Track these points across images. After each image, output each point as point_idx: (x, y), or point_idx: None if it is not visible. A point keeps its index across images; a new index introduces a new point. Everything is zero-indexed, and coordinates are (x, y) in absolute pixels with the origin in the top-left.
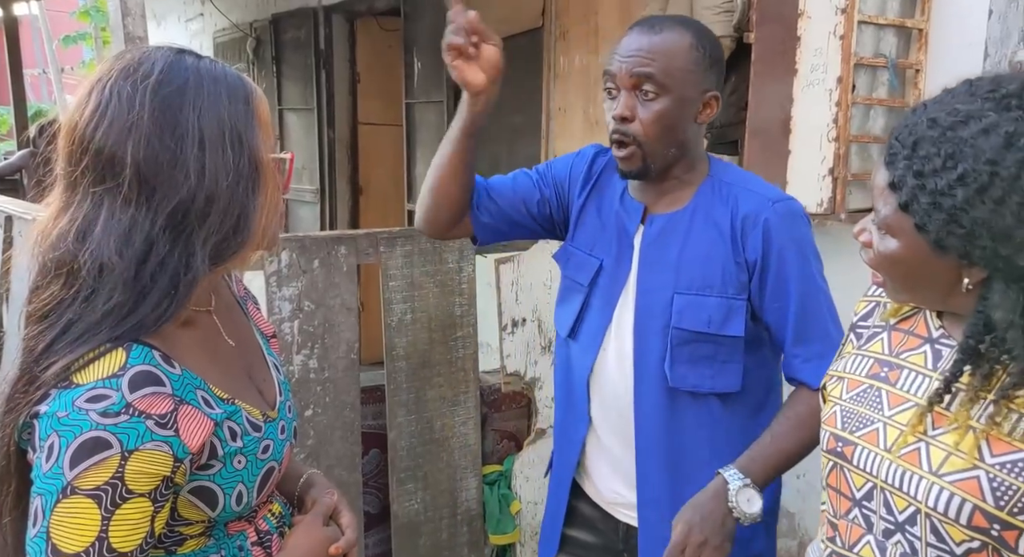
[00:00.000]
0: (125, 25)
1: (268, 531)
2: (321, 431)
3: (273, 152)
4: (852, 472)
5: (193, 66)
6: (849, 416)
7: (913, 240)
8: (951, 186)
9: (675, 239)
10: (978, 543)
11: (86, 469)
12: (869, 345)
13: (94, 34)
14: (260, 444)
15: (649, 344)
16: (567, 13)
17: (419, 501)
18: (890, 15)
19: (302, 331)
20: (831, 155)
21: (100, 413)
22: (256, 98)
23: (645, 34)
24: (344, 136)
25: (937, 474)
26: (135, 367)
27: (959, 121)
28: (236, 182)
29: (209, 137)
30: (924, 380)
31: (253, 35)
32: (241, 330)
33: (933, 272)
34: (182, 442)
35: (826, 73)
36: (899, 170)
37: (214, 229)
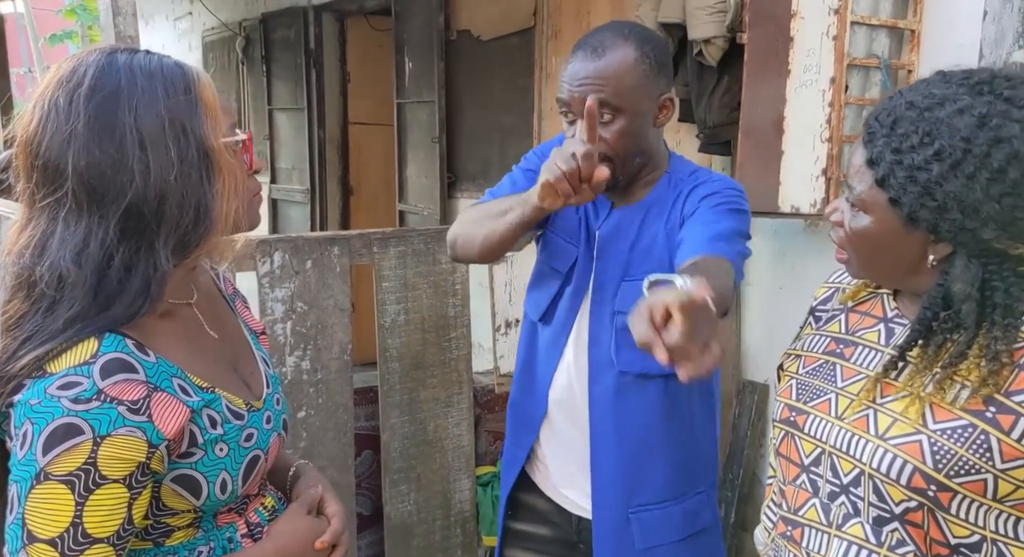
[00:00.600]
0: (116, 24)
1: (259, 524)
2: (314, 432)
3: (228, 135)
4: (802, 440)
5: (126, 65)
6: (804, 388)
7: (885, 215)
8: (927, 161)
9: (628, 232)
10: (915, 503)
11: (58, 455)
12: (827, 326)
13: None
14: (242, 432)
15: (601, 330)
16: (559, 13)
17: (412, 502)
18: (883, 16)
19: (295, 332)
20: (824, 155)
21: (71, 399)
22: (199, 85)
23: (589, 60)
24: (334, 136)
25: (883, 438)
26: (107, 355)
27: (936, 103)
28: (187, 174)
29: (149, 135)
30: (876, 355)
31: (242, 34)
32: (226, 324)
33: (900, 248)
34: (156, 428)
35: (819, 73)
36: (877, 147)
37: (173, 224)
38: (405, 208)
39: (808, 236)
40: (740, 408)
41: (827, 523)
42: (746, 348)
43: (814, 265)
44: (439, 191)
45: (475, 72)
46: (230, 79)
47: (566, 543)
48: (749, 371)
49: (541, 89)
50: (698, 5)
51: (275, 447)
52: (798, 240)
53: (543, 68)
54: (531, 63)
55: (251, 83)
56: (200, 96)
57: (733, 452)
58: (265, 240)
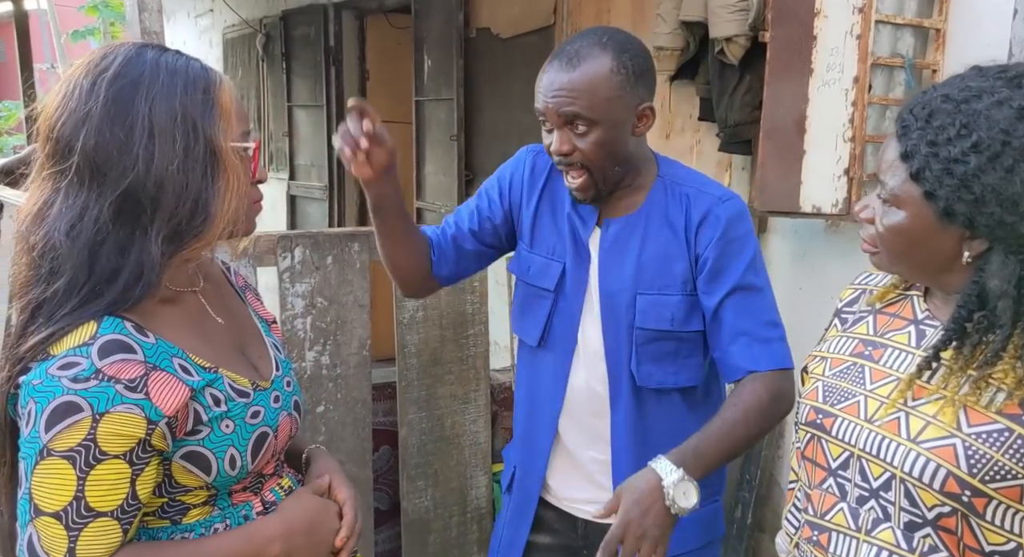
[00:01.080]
0: (142, 20)
1: (274, 502)
2: (332, 427)
3: (239, 140)
4: (830, 442)
5: (152, 59)
6: (831, 390)
7: (920, 209)
8: (964, 153)
9: (633, 241)
10: (949, 508)
11: (60, 432)
12: (854, 328)
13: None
14: (248, 409)
15: (617, 345)
16: (579, 11)
17: (429, 498)
18: (908, 15)
19: (315, 327)
20: (846, 155)
21: (71, 379)
22: (218, 88)
23: (564, 70)
24: None
25: (915, 441)
26: (105, 336)
27: (973, 95)
28: (190, 168)
29: (160, 125)
30: (908, 357)
31: (263, 31)
32: (234, 312)
33: (934, 245)
34: (154, 405)
35: (842, 73)
36: (912, 140)
37: (168, 212)
38: (422, 205)
39: (829, 236)
40: None
41: (855, 528)
42: None
43: (835, 266)
44: (457, 189)
45: (494, 70)
46: (250, 76)
47: (569, 550)
48: None
49: None
50: (720, 3)
51: (286, 426)
52: (819, 240)
53: None
54: None
55: (271, 80)
56: (217, 98)
57: (750, 453)
58: (286, 236)
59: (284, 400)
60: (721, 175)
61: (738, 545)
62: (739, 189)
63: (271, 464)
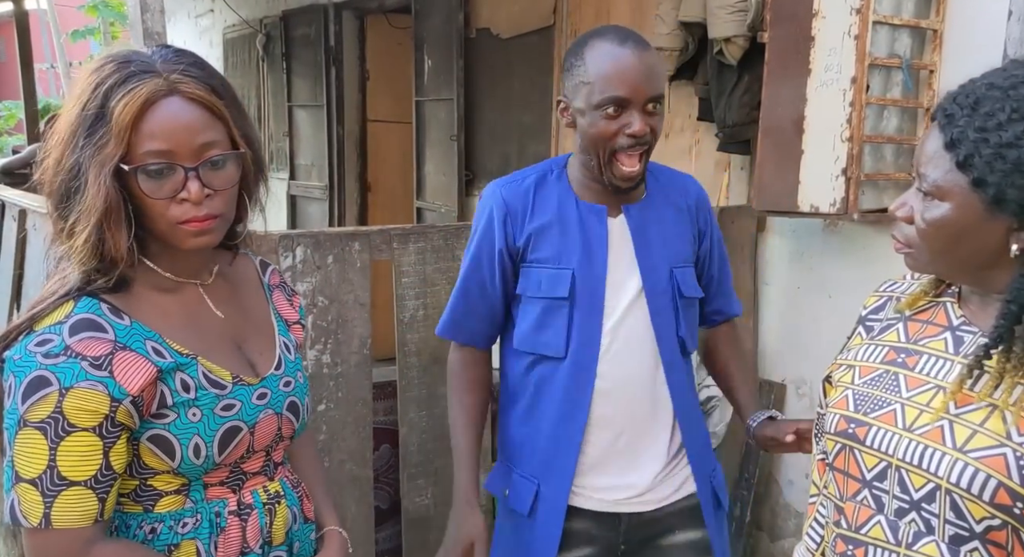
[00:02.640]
0: (144, 21)
1: (251, 505)
2: (333, 426)
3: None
4: (864, 453)
5: (109, 69)
6: (863, 399)
7: (966, 199)
8: (1018, 137)
9: (655, 222)
10: (999, 521)
11: (32, 404)
12: (882, 336)
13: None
14: (220, 401)
15: (663, 318)
16: (579, 11)
17: (430, 497)
18: (905, 16)
19: (316, 326)
20: (844, 155)
21: (43, 355)
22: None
23: (642, 53)
24: (353, 133)
25: (962, 450)
26: (79, 315)
27: (1021, 82)
28: (65, 179)
29: (64, 132)
30: (945, 363)
31: (263, 31)
32: (245, 308)
33: (981, 237)
34: (117, 383)
35: (840, 73)
36: (958, 128)
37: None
38: (423, 205)
39: (827, 236)
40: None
41: (895, 542)
42: (763, 347)
43: (832, 265)
44: (457, 188)
45: (494, 70)
46: (250, 76)
47: (611, 551)
48: (766, 370)
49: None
50: (719, 4)
51: (270, 424)
52: (817, 240)
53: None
54: (550, 61)
55: (271, 80)
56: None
57: (749, 452)
58: (287, 235)
59: (273, 398)
60: (720, 175)
61: (736, 543)
62: (738, 189)
63: (255, 462)
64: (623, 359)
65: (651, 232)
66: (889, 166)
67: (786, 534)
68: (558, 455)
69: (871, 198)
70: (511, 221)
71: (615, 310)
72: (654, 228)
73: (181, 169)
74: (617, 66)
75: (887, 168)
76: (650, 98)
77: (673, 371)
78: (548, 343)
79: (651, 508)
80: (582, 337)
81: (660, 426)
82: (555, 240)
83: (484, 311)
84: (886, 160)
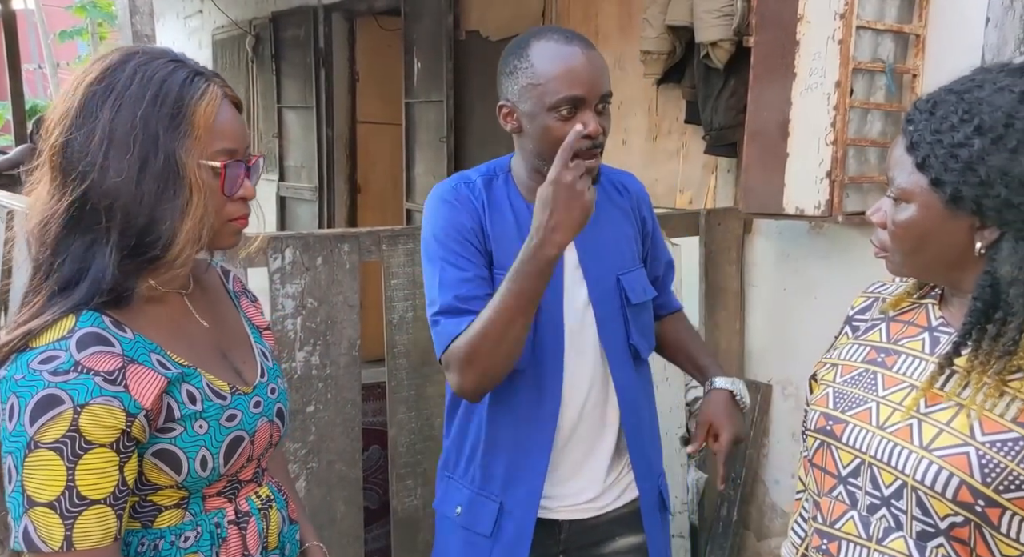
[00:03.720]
0: (133, 23)
1: (248, 512)
2: (322, 427)
3: (217, 158)
4: (840, 449)
5: (134, 68)
6: (841, 397)
7: (928, 199)
8: (968, 137)
9: (598, 227)
10: (962, 518)
11: (44, 424)
12: (866, 335)
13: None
14: (224, 412)
15: (612, 326)
16: (567, 14)
17: (418, 497)
18: (888, 20)
19: (305, 328)
20: (828, 158)
21: (51, 372)
22: (196, 102)
23: (590, 52)
24: (343, 135)
25: (928, 449)
26: (83, 329)
27: (975, 85)
28: (144, 182)
29: (117, 135)
30: (921, 363)
31: (252, 33)
32: (223, 316)
33: (945, 236)
34: (132, 398)
35: (824, 77)
36: (917, 132)
37: (121, 227)
38: (412, 207)
39: (812, 238)
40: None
41: (866, 537)
42: (749, 348)
43: (817, 266)
44: None
45: (484, 72)
46: (240, 77)
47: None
48: (752, 371)
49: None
50: (706, 8)
51: (264, 432)
52: (802, 242)
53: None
54: None
55: (261, 81)
56: (191, 113)
57: (735, 452)
58: (276, 237)
59: (266, 406)
60: (707, 177)
61: (723, 542)
62: (725, 191)
63: (248, 470)
64: (574, 369)
65: (596, 238)
66: (873, 169)
67: (772, 533)
68: (524, 469)
69: (855, 201)
70: (478, 222)
71: (568, 320)
72: (599, 233)
73: (244, 167)
74: (568, 65)
75: (871, 171)
76: (602, 96)
77: (623, 378)
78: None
79: (592, 515)
80: (546, 347)
81: (607, 433)
82: (515, 246)
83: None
84: (870, 163)
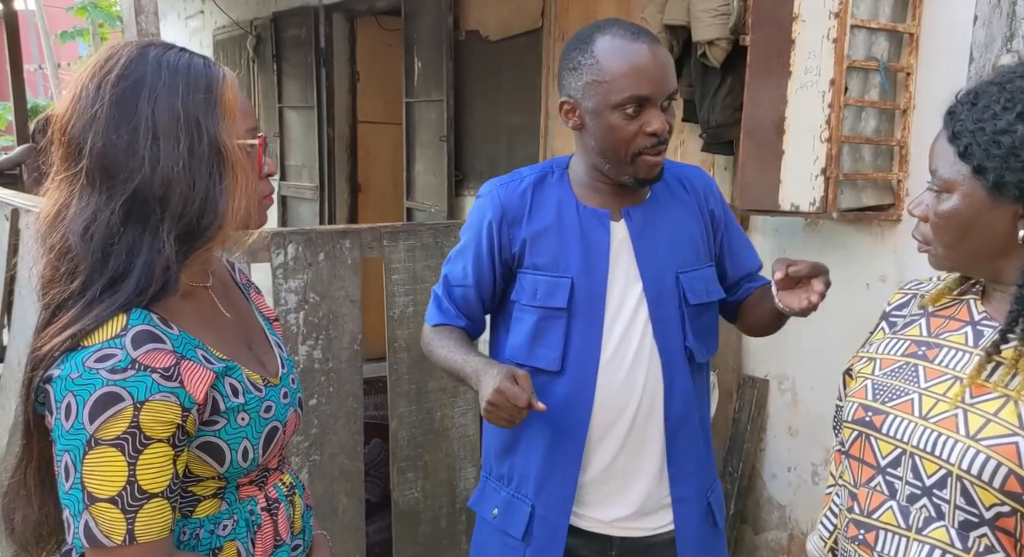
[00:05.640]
0: (139, 23)
1: (277, 499)
2: (325, 420)
3: (245, 137)
4: (880, 440)
5: (155, 60)
6: (881, 389)
7: (970, 188)
8: (1010, 124)
9: (659, 225)
10: (1008, 508)
11: (104, 421)
12: (905, 331)
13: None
14: (262, 404)
15: (668, 330)
16: (567, 14)
17: (419, 490)
18: (882, 19)
19: (307, 322)
20: (823, 155)
21: (109, 370)
22: (221, 86)
23: (655, 45)
24: (344, 134)
25: (975, 438)
26: (136, 327)
27: (1017, 76)
28: (195, 167)
29: (163, 126)
30: (964, 356)
31: (253, 33)
32: (240, 308)
33: (988, 225)
34: (187, 393)
35: (819, 75)
36: (959, 122)
37: (177, 212)
38: (412, 205)
39: (808, 234)
40: (740, 402)
41: (906, 526)
42: (746, 344)
43: None
44: (446, 189)
45: (483, 72)
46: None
47: None
48: (749, 366)
49: (548, 89)
50: (702, 8)
51: (292, 421)
52: (798, 238)
53: (551, 68)
54: (539, 63)
55: (262, 81)
56: (221, 96)
57: (733, 446)
58: (279, 232)
59: (291, 397)
60: None
61: None
62: (722, 188)
63: (275, 459)
64: (624, 373)
65: (656, 235)
66: (867, 166)
67: (769, 527)
68: (555, 474)
69: (849, 197)
70: (506, 225)
71: (616, 322)
72: (659, 231)
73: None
74: (634, 63)
75: (865, 168)
76: (669, 95)
77: (675, 383)
78: (543, 356)
79: (645, 534)
80: (581, 351)
81: (656, 444)
82: (553, 245)
83: (461, 295)
84: (864, 160)
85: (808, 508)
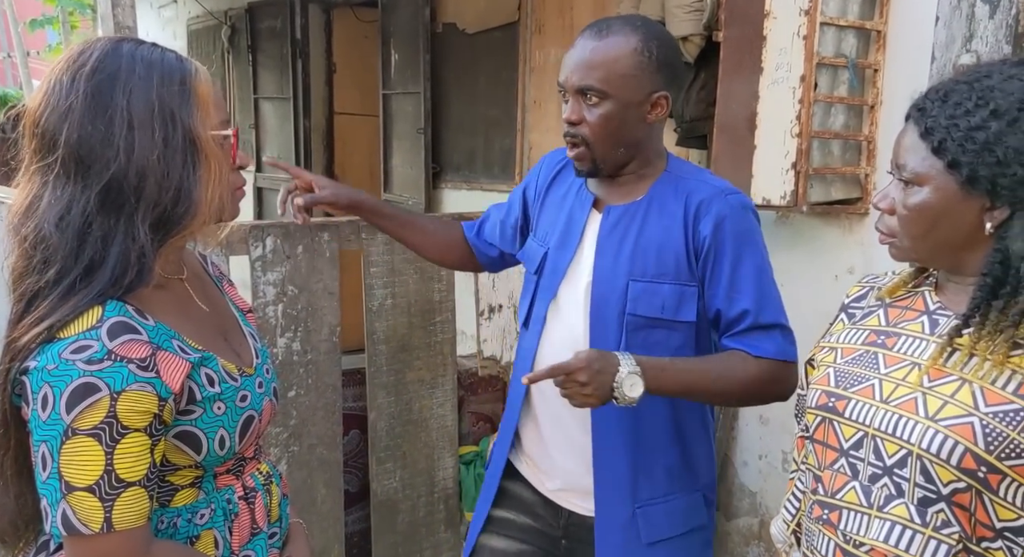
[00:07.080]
0: (115, 15)
1: (254, 488)
2: (304, 411)
3: (218, 128)
4: (843, 424)
5: (129, 53)
6: (843, 375)
7: (943, 182)
8: (985, 120)
9: (631, 229)
10: (964, 484)
11: (81, 412)
12: (864, 321)
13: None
14: (238, 393)
15: (605, 330)
16: (543, 8)
17: (397, 479)
18: (851, 17)
19: (286, 314)
20: (794, 150)
21: (85, 361)
22: (195, 78)
23: (591, 39)
24: (320, 125)
25: (933, 419)
26: (111, 318)
27: (984, 75)
28: (170, 157)
29: (138, 117)
30: (921, 343)
31: (228, 23)
32: (214, 300)
33: (958, 218)
34: (164, 383)
35: (790, 72)
36: (931, 118)
37: (152, 201)
38: (390, 197)
39: (779, 227)
40: None
41: (867, 505)
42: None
43: (783, 255)
44: (424, 181)
45: (460, 65)
46: (215, 68)
47: (547, 536)
48: None
49: (525, 82)
50: (676, 3)
51: (268, 411)
52: (769, 231)
53: (527, 62)
54: (515, 57)
55: (237, 72)
56: (195, 88)
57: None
58: (257, 225)
59: (266, 386)
60: None
61: None
62: None
63: (252, 448)
64: (558, 352)
65: (624, 238)
66: (836, 161)
67: (741, 513)
68: (508, 418)
69: (819, 191)
70: (540, 183)
71: (564, 302)
72: (629, 234)
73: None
74: (568, 53)
75: (834, 162)
76: (581, 86)
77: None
78: (521, 308)
79: (587, 514)
80: (536, 316)
81: (579, 431)
82: (551, 216)
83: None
84: (833, 155)
85: (778, 495)
